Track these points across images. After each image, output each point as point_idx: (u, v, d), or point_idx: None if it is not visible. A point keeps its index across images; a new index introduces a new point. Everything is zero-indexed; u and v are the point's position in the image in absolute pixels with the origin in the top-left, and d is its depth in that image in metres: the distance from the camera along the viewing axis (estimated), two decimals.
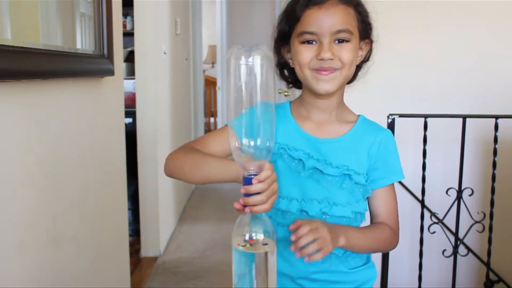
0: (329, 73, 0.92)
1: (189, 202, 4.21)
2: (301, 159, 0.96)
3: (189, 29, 4.42)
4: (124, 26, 3.96)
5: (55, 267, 1.22)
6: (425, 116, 2.04)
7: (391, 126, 2.01)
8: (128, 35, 3.12)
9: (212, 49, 7.04)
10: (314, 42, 0.92)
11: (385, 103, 2.49)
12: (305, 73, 0.94)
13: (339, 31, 0.91)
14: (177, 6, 3.65)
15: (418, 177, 2.10)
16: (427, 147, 2.06)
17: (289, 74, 1.04)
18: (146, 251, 2.93)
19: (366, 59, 1.03)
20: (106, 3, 1.51)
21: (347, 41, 0.92)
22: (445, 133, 2.31)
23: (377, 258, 2.29)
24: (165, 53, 3.07)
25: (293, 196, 0.97)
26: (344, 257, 1.00)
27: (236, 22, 6.70)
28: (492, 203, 2.08)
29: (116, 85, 1.74)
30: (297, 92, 1.09)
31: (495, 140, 2.02)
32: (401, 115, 2.02)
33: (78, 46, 1.38)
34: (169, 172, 0.98)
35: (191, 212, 3.93)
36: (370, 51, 1.02)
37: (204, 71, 6.14)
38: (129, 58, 3.37)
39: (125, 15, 3.95)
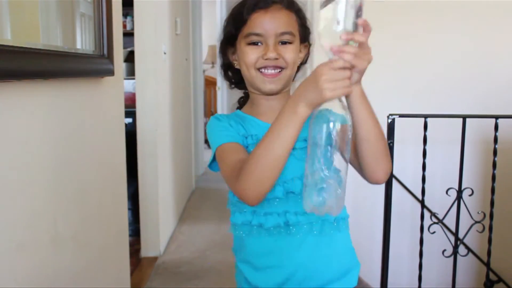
0: (275, 75, 0.99)
1: (189, 202, 4.21)
2: None
3: (189, 29, 4.42)
4: (124, 26, 3.96)
5: (55, 267, 1.22)
6: (425, 116, 2.04)
7: (391, 126, 2.01)
8: (128, 35, 3.12)
9: (212, 49, 7.04)
10: (259, 44, 0.99)
11: (385, 103, 2.49)
12: (251, 73, 1.01)
13: (283, 33, 0.99)
14: (177, 6, 3.65)
15: (418, 177, 2.10)
16: (427, 147, 2.06)
17: (232, 75, 1.11)
18: (146, 251, 2.93)
19: (304, 61, 1.09)
20: (106, 3, 1.51)
21: (290, 42, 1.00)
22: (445, 133, 2.31)
23: (377, 257, 2.29)
24: (165, 53, 3.07)
25: (276, 182, 0.97)
26: (336, 223, 1.02)
27: None
28: (492, 203, 2.08)
29: (116, 85, 1.74)
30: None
31: (495, 140, 2.02)
32: (401, 115, 2.02)
33: (78, 46, 1.38)
34: (257, 190, 0.90)
35: (191, 212, 3.93)
36: (308, 54, 1.09)
37: (204, 71, 6.14)
38: (129, 58, 3.37)
39: (125, 15, 3.95)
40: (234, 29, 1.03)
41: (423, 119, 2.04)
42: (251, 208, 1.01)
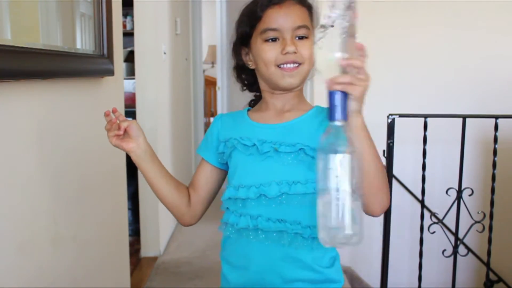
0: (293, 69, 0.98)
1: None
2: (255, 144, 0.99)
3: (189, 29, 4.42)
4: (124, 26, 3.96)
5: (55, 267, 1.23)
6: (425, 116, 2.04)
7: (391, 126, 2.01)
8: (128, 35, 3.11)
9: (212, 49, 7.04)
10: (277, 40, 0.99)
11: (385, 103, 2.49)
12: (270, 70, 0.99)
13: (299, 27, 0.98)
14: (177, 6, 3.65)
15: (418, 177, 2.10)
16: (427, 147, 2.06)
17: (246, 77, 1.11)
18: (146, 251, 2.93)
19: None
20: (106, 3, 1.51)
21: (306, 37, 0.99)
22: (445, 133, 2.31)
23: (377, 257, 2.29)
24: (165, 53, 3.07)
25: (252, 183, 0.99)
26: (310, 240, 0.98)
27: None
28: (492, 203, 2.08)
29: (116, 85, 1.74)
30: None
31: (495, 140, 2.02)
32: (401, 115, 2.02)
33: (78, 46, 1.38)
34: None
35: None
36: None
37: (204, 71, 6.14)
38: (129, 58, 3.37)
39: (125, 15, 3.95)
40: (248, 27, 1.02)
41: (423, 119, 2.04)
42: (232, 207, 1.02)
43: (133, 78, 2.95)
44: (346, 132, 0.78)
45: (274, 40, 0.98)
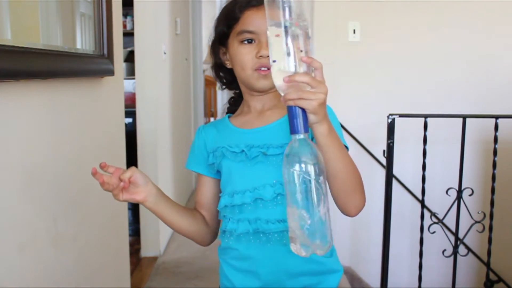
0: (268, 71, 0.97)
1: (189, 202, 4.21)
2: (243, 150, 0.99)
3: (189, 29, 4.42)
4: (124, 26, 3.96)
5: (55, 267, 1.23)
6: (425, 116, 2.04)
7: (391, 126, 2.01)
8: (128, 35, 3.11)
9: None
10: (252, 42, 0.99)
11: (385, 103, 2.50)
12: (247, 73, 0.99)
13: None
14: (177, 6, 3.65)
15: (418, 177, 2.10)
16: (427, 147, 2.06)
17: (224, 75, 1.10)
18: (146, 251, 2.93)
19: None
20: (106, 3, 1.51)
21: None
22: (445, 133, 2.31)
23: (377, 257, 2.29)
24: (165, 53, 3.07)
25: (246, 188, 0.98)
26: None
27: None
28: (492, 203, 2.08)
29: (116, 85, 1.74)
30: None
31: (495, 140, 2.02)
32: (401, 115, 2.02)
33: (78, 46, 1.38)
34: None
35: None
36: None
37: (204, 71, 6.13)
38: (129, 58, 3.38)
39: (125, 15, 3.95)
40: (226, 27, 1.02)
41: (423, 119, 2.04)
42: (229, 214, 1.01)
43: (133, 78, 2.95)
44: (309, 144, 0.77)
45: (250, 41, 0.99)
